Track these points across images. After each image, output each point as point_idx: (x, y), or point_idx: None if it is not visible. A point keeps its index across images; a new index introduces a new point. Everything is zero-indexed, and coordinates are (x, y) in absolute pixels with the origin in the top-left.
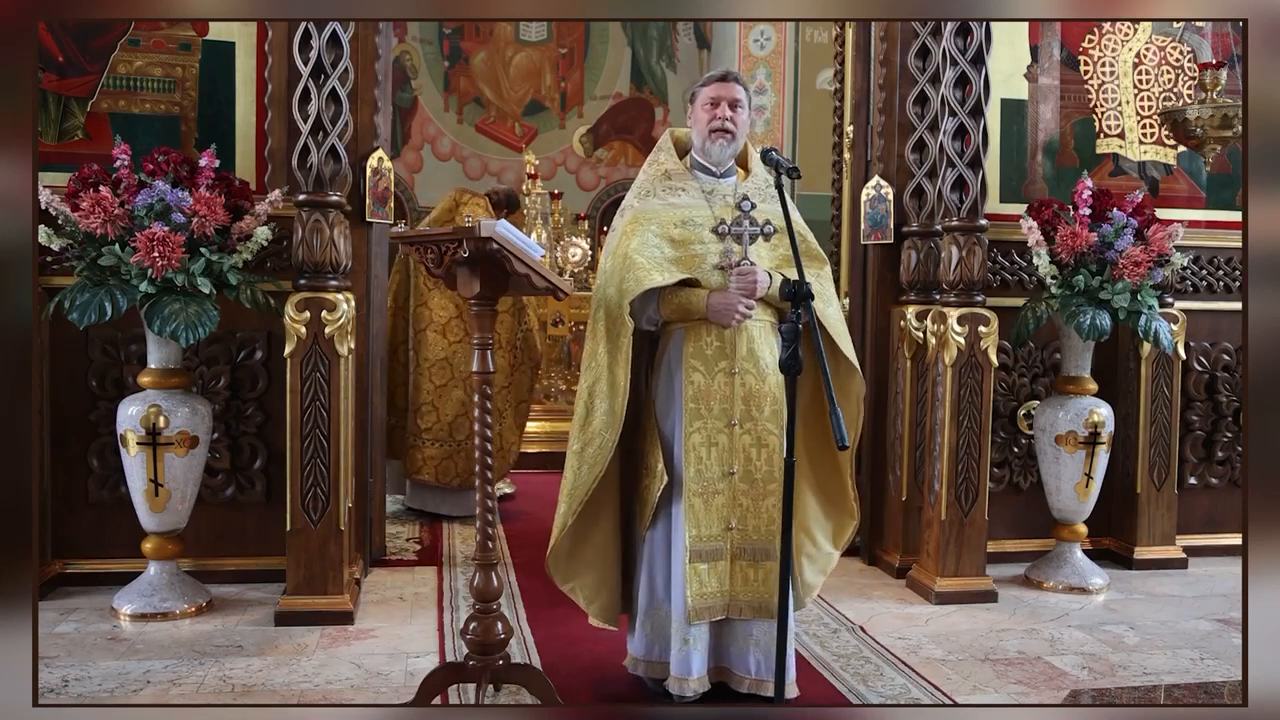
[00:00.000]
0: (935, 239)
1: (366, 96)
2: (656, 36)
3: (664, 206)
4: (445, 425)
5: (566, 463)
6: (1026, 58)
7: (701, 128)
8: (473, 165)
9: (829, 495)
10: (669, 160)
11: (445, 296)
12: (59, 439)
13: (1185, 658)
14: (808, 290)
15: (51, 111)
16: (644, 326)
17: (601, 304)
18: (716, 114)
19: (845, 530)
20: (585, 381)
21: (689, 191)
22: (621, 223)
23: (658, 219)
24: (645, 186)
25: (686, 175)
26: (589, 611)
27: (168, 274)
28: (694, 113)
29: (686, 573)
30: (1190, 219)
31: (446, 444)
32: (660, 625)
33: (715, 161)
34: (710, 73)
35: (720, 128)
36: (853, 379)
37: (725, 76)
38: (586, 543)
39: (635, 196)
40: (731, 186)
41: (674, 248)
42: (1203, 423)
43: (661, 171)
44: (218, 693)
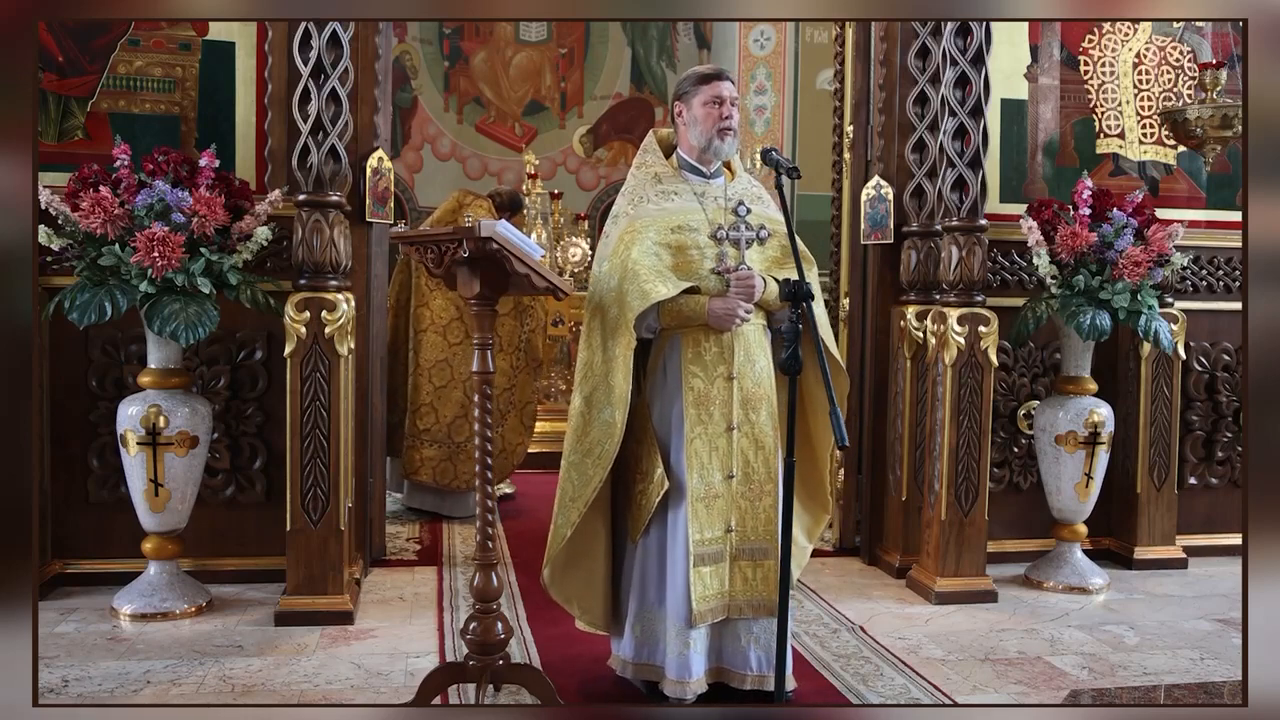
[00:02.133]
0: (935, 239)
1: (366, 96)
2: (656, 36)
3: (659, 211)
4: (444, 427)
5: (562, 474)
6: (1026, 58)
7: (708, 126)
8: (473, 165)
9: (809, 490)
10: (657, 162)
11: (446, 298)
12: (59, 439)
13: (1185, 658)
14: (808, 290)
15: (51, 111)
16: (642, 335)
17: (597, 313)
18: (722, 112)
19: (820, 523)
20: (582, 391)
21: (681, 195)
22: (616, 230)
23: (654, 225)
24: (637, 191)
25: (676, 177)
26: (581, 620)
27: (168, 274)
28: (688, 112)
29: (691, 577)
30: (1190, 219)
31: (445, 445)
32: (650, 629)
33: (706, 160)
34: (700, 70)
35: (727, 127)
36: (839, 378)
37: (720, 74)
38: (583, 554)
39: (628, 202)
40: (721, 187)
41: (671, 254)
42: (1203, 423)
43: (651, 174)
44: (218, 693)
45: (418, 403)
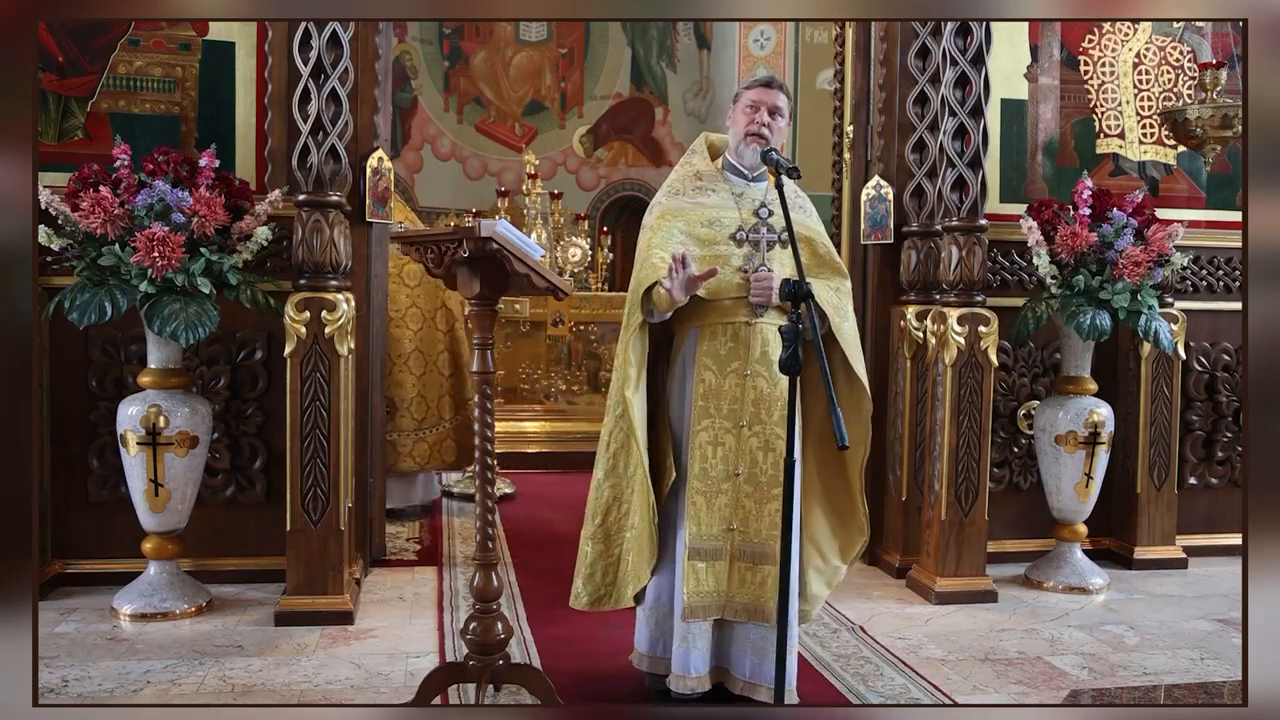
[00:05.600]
0: (935, 239)
1: (366, 96)
2: (656, 36)
3: (692, 205)
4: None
5: (596, 495)
6: (1026, 58)
7: (739, 129)
8: (473, 165)
9: (838, 511)
10: (701, 162)
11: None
12: (59, 439)
13: (1185, 658)
14: (807, 290)
15: (51, 111)
16: (658, 317)
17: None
18: (756, 118)
19: (854, 546)
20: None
21: (718, 192)
22: (649, 219)
23: (685, 216)
24: (675, 185)
25: (717, 176)
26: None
27: (168, 274)
28: (734, 114)
29: (684, 569)
30: (1190, 219)
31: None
32: (663, 622)
33: (748, 165)
34: (756, 76)
35: (756, 131)
36: (863, 399)
37: (770, 83)
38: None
39: (665, 195)
40: (762, 191)
41: (699, 246)
42: (1203, 423)
43: (693, 172)
44: (218, 693)
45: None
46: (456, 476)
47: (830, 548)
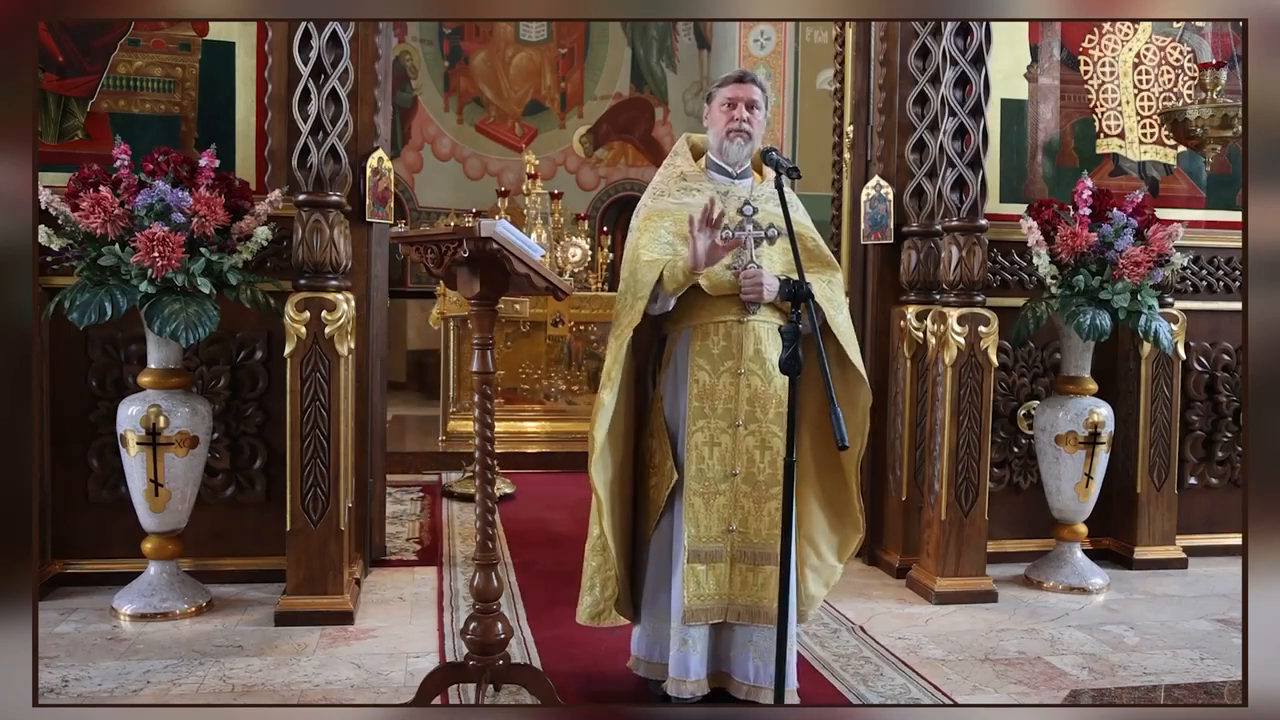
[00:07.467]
0: (935, 239)
1: (366, 96)
2: (656, 36)
3: (678, 205)
4: None
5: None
6: (1026, 58)
7: (719, 128)
8: (473, 165)
9: (835, 508)
10: (684, 163)
11: None
12: (59, 439)
13: (1185, 658)
14: (807, 290)
15: (51, 111)
16: (655, 312)
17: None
18: (734, 115)
19: (850, 543)
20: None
21: (703, 192)
22: (636, 222)
23: (671, 216)
24: (660, 187)
25: (701, 176)
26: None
27: (168, 274)
28: (710, 113)
29: (684, 573)
30: (1190, 219)
31: None
32: (660, 626)
33: (732, 162)
34: (728, 73)
35: (738, 128)
36: (860, 389)
37: (743, 78)
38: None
39: (650, 197)
40: (746, 189)
41: (686, 245)
42: (1203, 423)
43: (677, 173)
44: (218, 693)
45: None
46: (457, 476)
47: (827, 545)
